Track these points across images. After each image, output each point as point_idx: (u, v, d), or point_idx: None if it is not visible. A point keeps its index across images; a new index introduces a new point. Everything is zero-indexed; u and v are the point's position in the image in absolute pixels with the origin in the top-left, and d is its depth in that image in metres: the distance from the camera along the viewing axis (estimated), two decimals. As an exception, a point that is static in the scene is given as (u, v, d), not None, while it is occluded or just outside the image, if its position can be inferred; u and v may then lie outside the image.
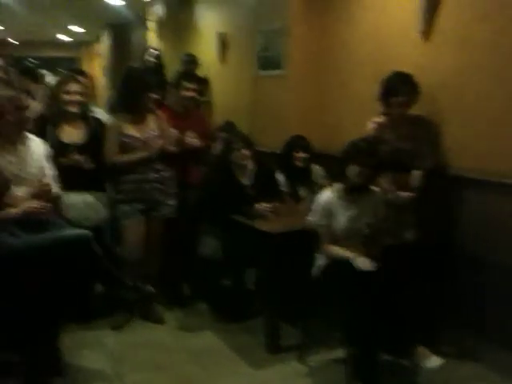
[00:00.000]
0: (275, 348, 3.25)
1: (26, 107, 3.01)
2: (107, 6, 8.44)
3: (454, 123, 3.33)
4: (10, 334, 2.51)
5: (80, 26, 11.56)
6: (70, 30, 12.11)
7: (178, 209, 3.70)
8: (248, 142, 3.81)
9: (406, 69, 3.37)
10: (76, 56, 14.73)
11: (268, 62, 4.87)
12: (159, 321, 3.65)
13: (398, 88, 3.26)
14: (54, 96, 3.38)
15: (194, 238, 3.77)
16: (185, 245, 3.84)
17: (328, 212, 2.98)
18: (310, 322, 3.16)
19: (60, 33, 12.85)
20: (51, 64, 13.88)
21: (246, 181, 3.81)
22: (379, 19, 3.93)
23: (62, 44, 14.13)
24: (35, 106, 3.89)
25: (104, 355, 3.22)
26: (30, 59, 12.06)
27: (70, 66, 13.37)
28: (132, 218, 3.54)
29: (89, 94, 3.63)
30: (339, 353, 3.06)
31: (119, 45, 11.28)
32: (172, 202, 3.66)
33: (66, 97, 3.42)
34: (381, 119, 3.38)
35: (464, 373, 2.97)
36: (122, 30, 11.11)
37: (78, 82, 3.49)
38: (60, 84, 3.41)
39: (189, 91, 3.94)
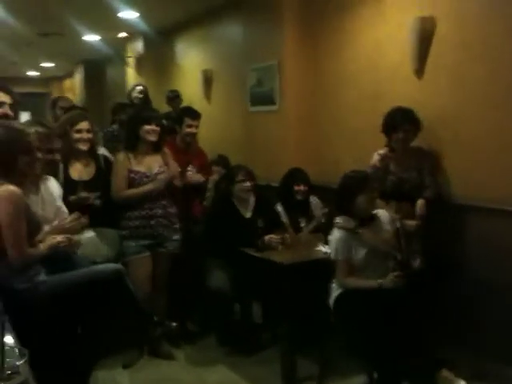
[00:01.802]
0: (292, 379, 3.27)
1: (57, 150, 3.02)
2: (82, 42, 8.43)
3: (453, 154, 3.49)
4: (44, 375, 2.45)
5: (52, 61, 11.45)
6: (41, 67, 11.98)
7: (183, 244, 3.72)
8: (251, 175, 3.89)
9: (401, 104, 3.53)
10: (46, 91, 14.52)
11: (260, 97, 4.98)
12: (169, 357, 3.62)
13: (398, 124, 3.41)
14: (64, 134, 3.36)
15: (201, 272, 3.78)
16: (192, 280, 3.84)
17: (346, 249, 3.06)
18: (326, 352, 3.20)
19: (31, 70, 12.69)
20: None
21: (247, 213, 3.88)
22: (373, 56, 4.07)
23: (31, 79, 13.93)
24: None
25: (120, 394, 3.19)
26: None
27: (39, 103, 13.25)
28: (138, 254, 3.54)
29: (95, 131, 3.64)
30: (355, 381, 3.11)
31: (93, 80, 11.26)
32: (177, 237, 3.69)
33: (77, 135, 3.43)
34: (385, 151, 3.52)
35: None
36: (96, 66, 11.10)
37: (87, 119, 3.51)
38: (69, 122, 3.42)
39: (191, 128, 4.03)
